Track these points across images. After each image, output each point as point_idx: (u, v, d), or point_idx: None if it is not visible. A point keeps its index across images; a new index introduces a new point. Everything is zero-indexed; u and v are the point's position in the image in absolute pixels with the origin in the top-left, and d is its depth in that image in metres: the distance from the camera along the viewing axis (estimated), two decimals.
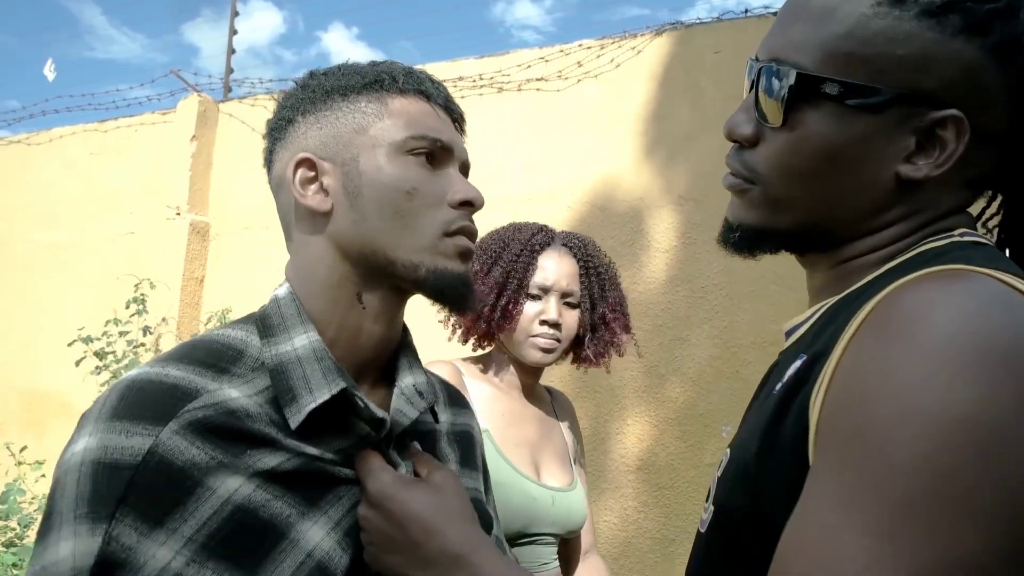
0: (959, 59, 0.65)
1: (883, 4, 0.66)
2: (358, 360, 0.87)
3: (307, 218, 0.87)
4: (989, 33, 0.64)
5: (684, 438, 3.26)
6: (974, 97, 0.65)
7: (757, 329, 3.20)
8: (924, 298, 0.57)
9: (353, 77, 0.88)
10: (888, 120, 0.66)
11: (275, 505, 0.77)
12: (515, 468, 1.60)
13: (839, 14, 0.67)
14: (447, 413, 1.02)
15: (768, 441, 0.65)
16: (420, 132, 0.85)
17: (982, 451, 0.51)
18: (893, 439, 0.52)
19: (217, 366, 0.81)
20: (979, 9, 0.64)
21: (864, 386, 0.56)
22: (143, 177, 4.76)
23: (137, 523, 0.71)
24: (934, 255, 0.65)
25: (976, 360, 0.52)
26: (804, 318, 0.74)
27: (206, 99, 4.71)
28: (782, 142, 0.70)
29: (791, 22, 0.71)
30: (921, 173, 0.67)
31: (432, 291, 0.85)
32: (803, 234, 0.73)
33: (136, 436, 0.73)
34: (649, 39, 3.74)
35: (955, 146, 0.65)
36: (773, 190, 0.72)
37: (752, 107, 0.73)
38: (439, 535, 0.77)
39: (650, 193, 3.54)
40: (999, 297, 0.56)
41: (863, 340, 0.58)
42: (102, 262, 4.62)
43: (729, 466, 0.72)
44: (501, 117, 3.91)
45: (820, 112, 0.68)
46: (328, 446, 0.81)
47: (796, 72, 0.68)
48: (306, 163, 0.85)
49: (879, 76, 0.66)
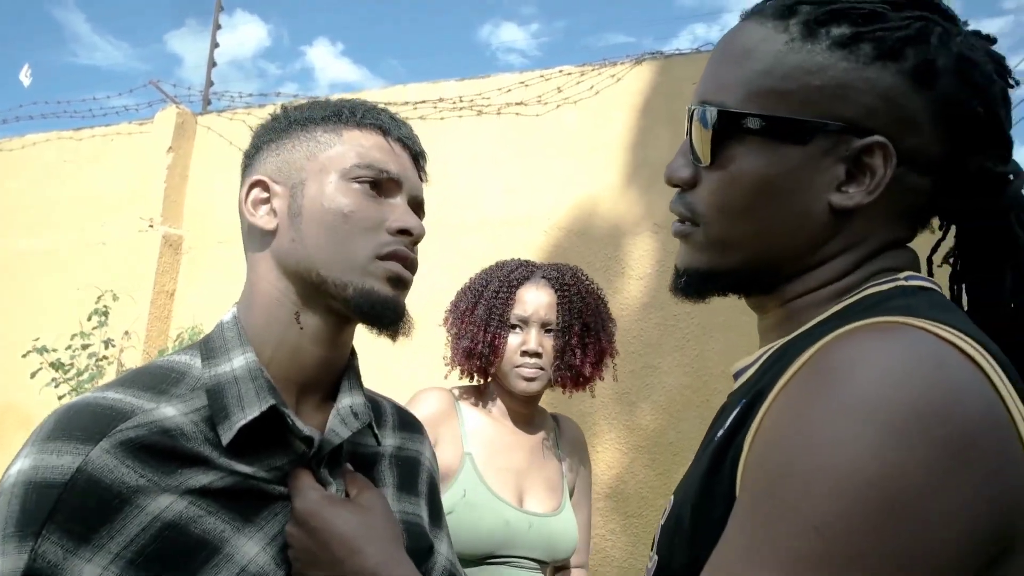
0: (876, 86, 0.66)
1: (796, 39, 0.68)
2: (300, 380, 0.90)
3: (256, 237, 0.92)
4: (903, 59, 0.66)
5: (653, 466, 3.26)
6: (898, 123, 0.66)
7: (728, 358, 3.21)
8: (854, 353, 0.56)
9: (316, 110, 0.93)
10: (815, 150, 0.68)
11: (208, 521, 0.78)
12: (492, 491, 1.66)
13: (757, 52, 0.69)
14: (395, 437, 1.04)
15: (705, 490, 0.65)
16: (367, 161, 0.90)
17: (887, 516, 0.50)
18: (803, 495, 0.52)
19: (157, 388, 0.84)
20: (889, 37, 0.66)
21: (784, 437, 0.56)
22: (117, 187, 4.71)
23: (63, 540, 0.73)
24: (876, 301, 0.65)
25: (893, 423, 0.51)
26: (752, 360, 0.75)
27: (184, 111, 4.68)
28: (716, 180, 0.72)
29: (717, 65, 0.73)
30: (853, 201, 0.68)
31: (358, 311, 0.88)
32: (748, 273, 0.74)
33: (66, 455, 0.75)
34: (629, 67, 3.78)
35: (883, 172, 0.66)
36: (714, 229, 0.73)
37: (688, 150, 0.74)
38: (360, 554, 0.80)
39: (626, 220, 3.56)
40: (931, 356, 0.55)
41: (792, 390, 0.59)
42: (73, 272, 4.55)
43: (671, 515, 0.72)
44: (480, 140, 3.93)
45: (747, 147, 0.69)
46: (263, 464, 0.84)
47: (718, 110, 0.70)
48: (260, 185, 0.91)
49: (800, 108, 0.67)
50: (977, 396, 0.54)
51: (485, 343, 1.73)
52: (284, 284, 0.89)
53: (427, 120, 4.05)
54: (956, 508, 0.50)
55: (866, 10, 0.67)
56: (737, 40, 0.72)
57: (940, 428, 0.51)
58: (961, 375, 0.54)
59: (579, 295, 1.80)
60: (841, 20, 0.67)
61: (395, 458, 1.02)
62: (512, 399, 1.80)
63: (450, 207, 3.84)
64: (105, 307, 3.99)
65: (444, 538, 1.07)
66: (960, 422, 0.52)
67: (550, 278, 1.81)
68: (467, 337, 1.76)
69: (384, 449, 1.01)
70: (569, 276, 1.84)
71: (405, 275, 0.90)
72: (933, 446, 0.51)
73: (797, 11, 0.69)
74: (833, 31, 0.67)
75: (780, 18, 0.70)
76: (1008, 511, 0.52)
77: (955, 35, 0.68)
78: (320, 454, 0.87)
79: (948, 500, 0.50)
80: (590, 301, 1.82)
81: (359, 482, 0.89)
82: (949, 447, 0.51)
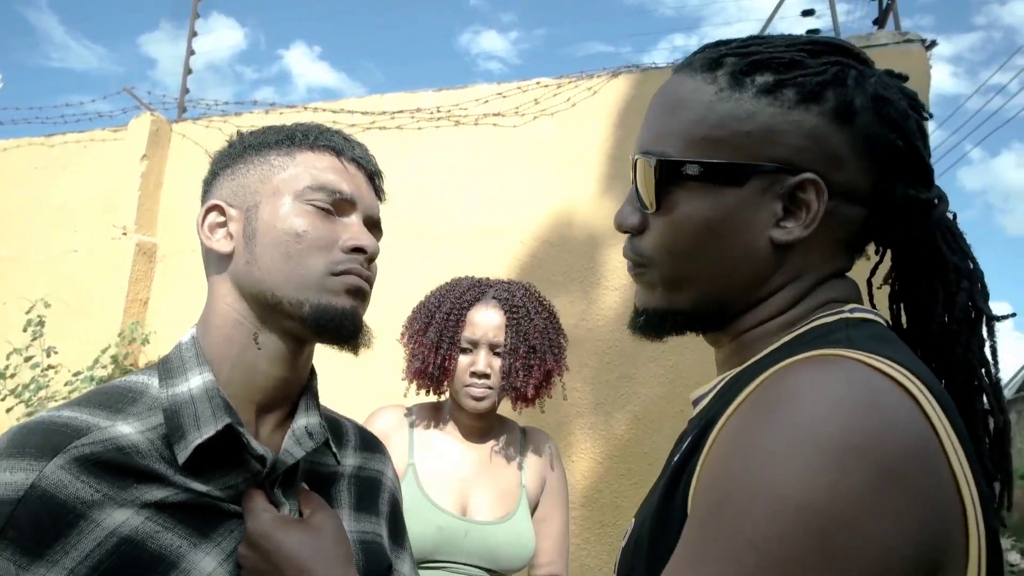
0: (802, 128, 0.71)
1: (725, 89, 0.73)
2: (257, 400, 0.90)
3: (214, 260, 0.93)
4: (823, 101, 0.71)
5: (628, 476, 3.27)
6: (825, 159, 0.71)
7: (703, 370, 3.24)
8: (794, 383, 0.59)
9: (270, 135, 0.95)
10: (752, 191, 0.72)
11: (165, 536, 0.78)
12: (428, 499, 1.75)
13: (690, 103, 0.74)
14: (356, 457, 1.05)
15: (662, 513, 0.68)
16: (319, 183, 0.91)
17: (820, 540, 0.52)
18: (744, 516, 0.55)
19: (114, 407, 0.84)
20: (809, 81, 0.71)
21: (729, 461, 0.59)
22: (90, 194, 4.66)
23: (16, 556, 0.72)
24: (820, 334, 0.69)
25: (827, 450, 0.54)
26: (709, 388, 0.79)
27: (159, 118, 4.65)
28: (662, 225, 0.76)
29: (655, 116, 0.78)
30: (792, 235, 0.72)
31: (315, 327, 0.88)
32: (701, 312, 0.78)
33: (20, 472, 0.75)
34: (606, 80, 3.81)
35: (817, 206, 0.70)
36: (665, 270, 0.77)
37: (635, 198, 0.79)
38: (310, 574, 0.81)
39: (603, 231, 3.58)
40: (865, 387, 0.58)
41: (738, 417, 0.62)
42: (43, 280, 4.50)
43: (631, 538, 0.75)
44: (458, 150, 3.94)
45: (689, 192, 0.73)
46: (218, 482, 0.84)
47: (657, 160, 0.74)
48: (216, 209, 0.93)
49: (734, 153, 0.72)
50: (909, 425, 0.57)
51: (436, 365, 1.83)
52: (242, 306, 0.90)
53: (404, 130, 4.05)
54: (887, 530, 0.53)
55: (786, 59, 0.72)
56: (671, 92, 0.77)
57: (872, 454, 0.54)
58: (894, 405, 0.57)
59: (528, 316, 1.88)
60: (764, 69, 0.72)
61: (355, 478, 1.03)
62: (464, 413, 1.88)
63: (427, 217, 3.84)
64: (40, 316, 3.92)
65: (406, 558, 1.08)
66: (892, 449, 0.55)
67: (501, 299, 1.89)
68: (419, 358, 1.86)
69: (343, 469, 1.02)
70: (520, 296, 1.91)
71: (362, 285, 0.91)
72: (866, 471, 0.53)
73: (723, 63, 0.74)
74: (758, 79, 0.72)
75: (708, 70, 0.75)
76: (937, 536, 0.55)
77: (869, 76, 0.73)
78: (274, 474, 0.87)
79: (880, 523, 0.53)
80: (538, 322, 1.89)
81: (313, 502, 0.90)
82: (881, 472, 0.54)
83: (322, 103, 4.29)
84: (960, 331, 0.73)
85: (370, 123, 4.07)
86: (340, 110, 4.15)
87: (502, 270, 3.66)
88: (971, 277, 0.74)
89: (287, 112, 4.36)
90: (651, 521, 0.69)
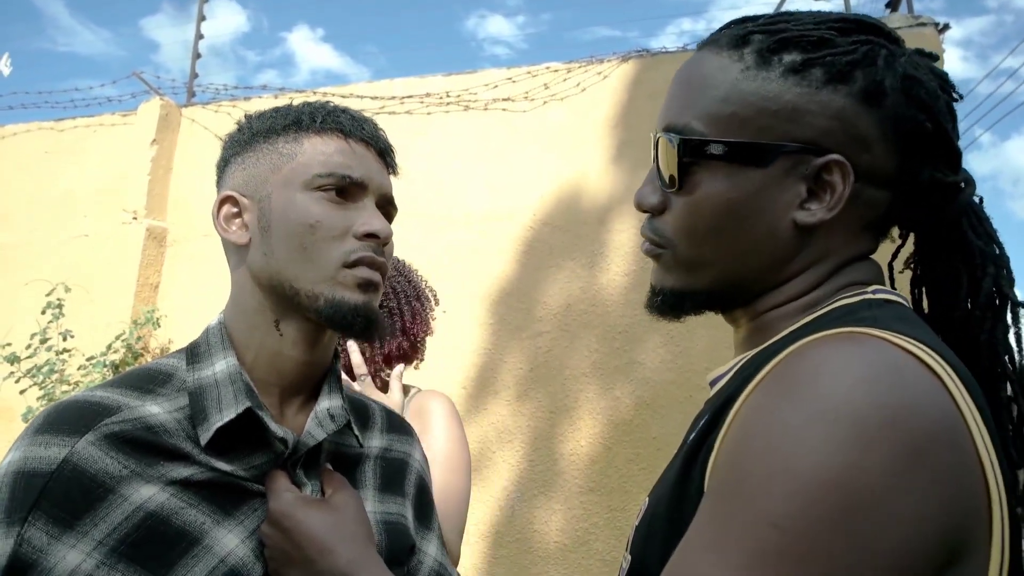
0: (829, 108, 0.70)
1: (751, 68, 0.72)
2: (281, 383, 0.92)
3: (233, 251, 0.95)
4: (852, 81, 0.70)
5: (637, 461, 3.28)
6: (852, 141, 0.70)
7: (712, 355, 3.24)
8: (818, 360, 0.59)
9: (277, 119, 0.95)
10: (776, 172, 0.71)
11: (189, 513, 0.81)
12: None
13: (715, 81, 0.73)
14: (382, 439, 1.06)
15: (678, 492, 0.68)
16: (328, 170, 0.90)
17: (843, 517, 0.52)
18: (765, 493, 0.55)
19: (143, 388, 0.88)
20: (838, 61, 0.70)
21: (749, 437, 0.58)
22: (100, 179, 4.67)
23: (48, 526, 0.76)
24: (843, 313, 0.68)
25: (851, 426, 0.53)
26: (727, 369, 0.77)
27: (168, 103, 4.65)
28: (683, 205, 0.75)
29: (678, 94, 0.77)
30: (815, 217, 0.71)
31: (329, 321, 0.89)
32: (720, 292, 0.77)
33: (53, 447, 0.79)
34: (616, 65, 3.79)
35: (842, 188, 0.70)
36: (683, 251, 0.76)
37: (656, 177, 0.78)
38: (331, 554, 0.82)
39: (611, 216, 3.57)
40: (890, 365, 0.57)
41: (759, 393, 0.61)
42: (54, 265, 4.52)
43: (644, 517, 0.75)
44: (467, 135, 3.93)
45: (712, 172, 0.73)
46: (242, 463, 0.86)
47: (680, 139, 0.73)
48: (229, 200, 0.94)
49: (759, 132, 0.71)
50: (933, 404, 0.56)
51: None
52: (261, 295, 0.91)
53: (414, 114, 4.04)
54: (910, 509, 0.52)
55: (815, 37, 0.71)
56: (696, 69, 0.76)
57: (897, 432, 0.53)
58: (919, 383, 0.57)
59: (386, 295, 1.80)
60: (792, 47, 0.71)
61: (381, 459, 1.04)
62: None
63: (436, 201, 3.84)
64: (59, 300, 3.94)
65: (433, 539, 1.08)
66: (916, 427, 0.54)
67: None
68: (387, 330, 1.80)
69: (369, 450, 1.03)
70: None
71: (374, 278, 0.91)
72: (889, 449, 0.53)
73: (750, 40, 0.73)
74: (785, 58, 0.71)
75: (735, 47, 0.74)
76: (961, 515, 0.55)
77: (899, 56, 0.72)
78: (296, 455, 0.89)
79: (902, 501, 0.52)
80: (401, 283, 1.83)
81: (335, 482, 0.91)
82: (905, 451, 0.53)
83: (331, 88, 4.29)
84: (984, 317, 0.72)
85: (379, 108, 4.07)
86: (350, 95, 4.15)
87: (511, 254, 3.66)
88: (997, 262, 0.73)
89: (297, 97, 4.35)
90: (667, 499, 0.69)
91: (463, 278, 3.67)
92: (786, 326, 0.72)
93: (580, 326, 3.50)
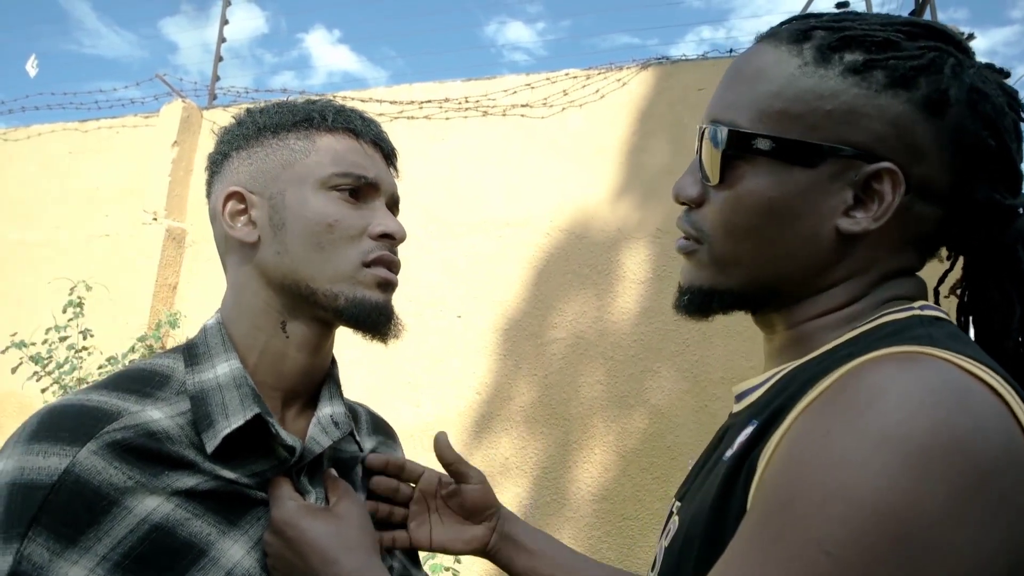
0: (887, 114, 0.66)
1: (809, 64, 0.68)
2: (283, 387, 0.90)
3: (237, 248, 0.91)
4: (915, 88, 0.66)
5: (650, 470, 3.26)
6: (907, 150, 0.66)
7: (727, 365, 3.23)
8: (880, 380, 0.56)
9: (285, 115, 0.93)
10: (823, 174, 0.68)
11: (195, 524, 0.78)
12: None
13: (769, 74, 0.70)
14: (368, 442, 1.06)
15: (718, 511, 0.65)
16: (344, 169, 0.90)
17: (899, 548, 0.50)
18: (817, 517, 0.52)
19: (142, 391, 0.83)
20: (902, 65, 0.66)
21: (804, 455, 0.56)
22: (122, 180, 4.72)
23: (49, 542, 0.72)
24: (896, 329, 0.65)
25: (915, 453, 0.51)
26: (759, 382, 0.74)
27: (190, 105, 4.69)
28: (723, 200, 0.72)
29: (729, 85, 0.74)
30: (860, 227, 0.68)
31: (350, 320, 0.88)
32: (752, 293, 0.74)
33: (53, 456, 0.74)
34: (635, 72, 3.79)
35: (891, 198, 0.66)
36: (718, 248, 0.73)
37: (697, 168, 0.75)
38: (335, 564, 0.80)
39: (628, 224, 3.57)
40: (955, 388, 0.54)
41: (814, 412, 0.58)
42: (75, 263, 4.57)
43: (677, 535, 0.72)
44: (485, 141, 3.94)
45: (756, 168, 0.70)
46: (245, 469, 0.84)
47: (728, 130, 0.70)
48: (236, 196, 0.91)
49: (810, 132, 0.68)
50: (1000, 429, 0.53)
51: None
52: (268, 294, 0.89)
53: (433, 119, 4.06)
54: (970, 541, 0.50)
55: (880, 38, 0.67)
56: (751, 61, 0.72)
57: (961, 460, 0.51)
58: (985, 407, 0.54)
59: None
60: (855, 47, 0.68)
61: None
62: None
63: (453, 207, 3.84)
64: (80, 298, 3.97)
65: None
66: (981, 456, 0.51)
67: None
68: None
69: (362, 454, 1.02)
70: None
71: (392, 278, 0.91)
72: (952, 478, 0.50)
73: (811, 36, 0.70)
74: (846, 57, 0.67)
75: (794, 42, 0.70)
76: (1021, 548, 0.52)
77: (968, 67, 0.68)
78: (301, 463, 0.88)
79: (963, 533, 0.50)
80: None
81: (339, 489, 0.90)
82: (968, 480, 0.50)
83: (351, 91, 4.31)
84: None
85: (398, 112, 4.08)
86: (369, 99, 4.16)
87: (527, 261, 3.66)
88: None
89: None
90: (705, 519, 0.66)
91: (478, 283, 3.67)
92: (828, 339, 0.69)
93: (595, 333, 3.49)
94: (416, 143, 3.96)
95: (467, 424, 3.51)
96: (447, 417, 3.54)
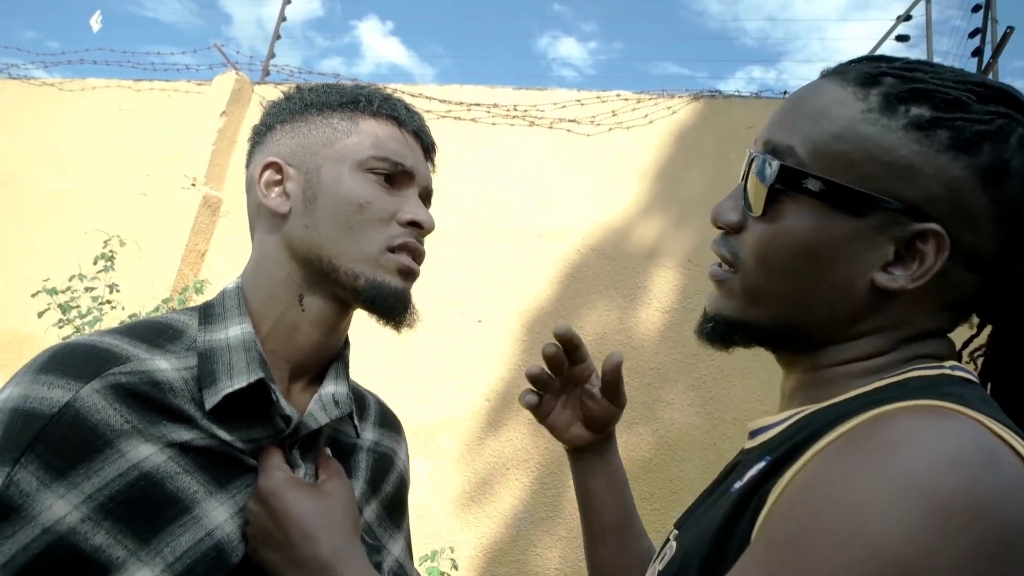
0: (944, 175, 0.64)
1: (873, 111, 0.67)
2: (293, 359, 0.91)
3: (267, 218, 0.93)
4: (977, 154, 0.64)
5: (651, 500, 3.24)
6: (958, 215, 0.65)
7: (742, 406, 3.19)
8: (906, 429, 0.54)
9: (332, 96, 0.95)
10: (868, 225, 0.66)
11: (184, 479, 0.79)
12: None
13: (832, 114, 0.68)
14: (374, 432, 1.06)
15: (720, 540, 0.64)
16: (383, 153, 0.91)
17: None
18: (826, 557, 0.51)
19: (153, 341, 0.85)
20: (968, 129, 0.64)
21: (820, 493, 0.54)
22: (166, 142, 4.77)
23: (39, 472, 0.73)
24: (926, 384, 0.63)
25: (937, 508, 0.49)
26: (775, 421, 0.73)
27: (243, 78, 4.74)
28: (761, 231, 0.71)
29: (787, 117, 0.72)
30: (897, 284, 0.66)
31: (367, 302, 0.89)
32: (777, 331, 0.73)
33: (57, 389, 0.75)
34: (686, 102, 3.78)
35: (934, 261, 0.65)
36: (751, 279, 0.72)
37: (740, 195, 0.74)
38: (314, 540, 0.79)
39: (659, 251, 3.55)
40: (982, 448, 0.53)
41: (836, 450, 0.57)
42: (109, 218, 4.62)
43: (674, 561, 0.71)
44: (528, 151, 3.94)
45: (801, 207, 0.68)
46: (242, 434, 0.84)
47: (780, 164, 0.69)
48: (273, 166, 0.92)
49: (863, 180, 0.66)
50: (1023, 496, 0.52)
51: None
52: (291, 266, 0.90)
53: (479, 123, 4.07)
54: None
55: (950, 96, 0.65)
56: (814, 97, 0.71)
57: (983, 521, 0.49)
58: (1013, 475, 0.53)
59: None
60: (923, 101, 0.66)
61: (372, 452, 1.03)
62: None
63: (488, 211, 3.85)
64: (112, 252, 4.01)
65: (400, 540, 1.06)
66: (1005, 522, 0.50)
67: None
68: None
69: (363, 442, 1.02)
70: None
71: (414, 267, 0.92)
72: (972, 540, 0.49)
73: (880, 82, 0.68)
74: (913, 110, 0.66)
75: (862, 85, 0.68)
76: None
77: None
78: (296, 435, 0.87)
79: None
80: None
81: (331, 468, 0.89)
82: (987, 547, 0.49)
83: (402, 85, 4.34)
84: None
85: (446, 111, 4.10)
86: (419, 95, 4.18)
87: (554, 275, 3.65)
88: None
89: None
90: (705, 547, 0.65)
91: (504, 291, 3.67)
92: (853, 386, 0.67)
93: None
94: (458, 144, 3.97)
95: (473, 428, 3.50)
96: (455, 418, 3.53)
